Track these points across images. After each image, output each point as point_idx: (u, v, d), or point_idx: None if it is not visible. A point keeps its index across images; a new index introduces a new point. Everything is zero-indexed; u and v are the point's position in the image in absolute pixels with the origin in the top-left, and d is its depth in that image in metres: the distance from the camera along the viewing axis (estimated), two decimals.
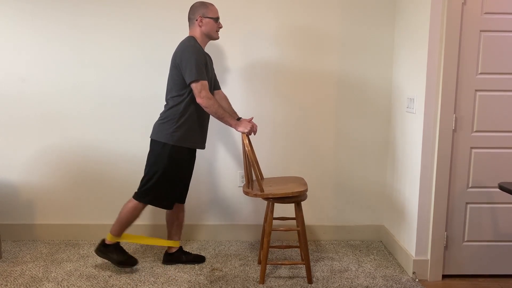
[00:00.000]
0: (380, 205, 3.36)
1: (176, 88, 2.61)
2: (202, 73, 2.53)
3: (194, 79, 2.51)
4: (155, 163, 2.65)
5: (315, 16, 3.14)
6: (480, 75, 2.61)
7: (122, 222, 2.72)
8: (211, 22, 2.65)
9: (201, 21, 2.63)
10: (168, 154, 2.62)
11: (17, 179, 3.27)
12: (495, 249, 2.76)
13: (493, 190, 2.70)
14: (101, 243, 2.78)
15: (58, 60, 3.15)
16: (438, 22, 2.56)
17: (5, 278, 2.72)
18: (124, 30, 3.13)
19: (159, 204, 2.72)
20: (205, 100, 2.54)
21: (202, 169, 3.28)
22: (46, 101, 3.18)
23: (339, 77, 3.21)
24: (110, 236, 2.75)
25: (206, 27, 2.64)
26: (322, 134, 3.27)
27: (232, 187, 3.32)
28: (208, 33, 2.66)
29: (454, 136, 2.65)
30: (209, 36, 2.68)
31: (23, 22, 3.10)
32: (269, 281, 2.71)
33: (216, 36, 2.71)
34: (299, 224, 2.68)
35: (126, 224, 2.74)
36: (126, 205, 2.73)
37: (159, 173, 2.64)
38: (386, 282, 2.72)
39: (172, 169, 2.66)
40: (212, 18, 2.64)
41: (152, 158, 2.68)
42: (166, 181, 2.67)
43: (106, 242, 2.76)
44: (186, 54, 2.53)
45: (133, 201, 2.71)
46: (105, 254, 2.76)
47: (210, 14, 2.64)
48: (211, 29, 2.66)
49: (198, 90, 2.53)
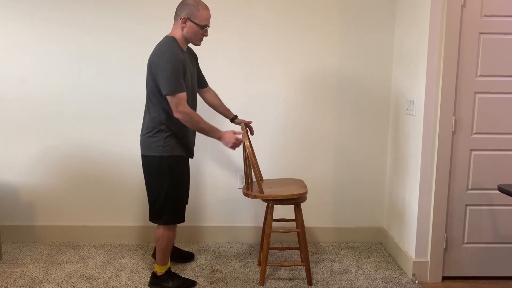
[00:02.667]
0: (380, 206, 3.36)
1: (156, 95, 2.39)
2: (178, 84, 2.30)
3: (169, 92, 2.29)
4: (157, 179, 2.48)
5: (314, 17, 3.14)
6: (480, 77, 2.62)
7: (163, 249, 2.55)
8: (195, 28, 2.39)
9: (185, 23, 2.38)
10: (167, 167, 2.45)
11: (17, 180, 3.27)
12: (495, 251, 2.76)
13: (493, 192, 2.70)
14: (152, 276, 2.63)
15: (59, 61, 3.16)
16: (438, 24, 2.57)
17: (5, 280, 2.72)
18: (125, 31, 3.13)
19: (176, 221, 2.55)
20: (183, 115, 2.33)
21: (202, 171, 3.28)
22: (46, 102, 3.19)
23: (339, 79, 3.21)
24: (157, 267, 2.60)
25: (188, 31, 2.40)
26: (322, 135, 3.27)
27: (232, 189, 3.32)
28: (189, 38, 2.43)
29: (453, 138, 2.66)
30: (190, 41, 2.46)
31: (23, 23, 3.11)
32: (269, 283, 2.72)
33: (198, 43, 2.48)
34: (299, 226, 2.69)
35: (167, 250, 2.58)
36: (155, 232, 2.55)
37: (164, 190, 2.47)
38: (386, 284, 2.72)
39: (176, 180, 2.50)
40: (197, 24, 2.38)
41: (152, 174, 2.49)
42: (174, 195, 2.51)
43: (157, 274, 2.60)
44: (161, 63, 2.30)
45: (159, 227, 2.54)
46: (160, 285, 2.60)
47: (197, 20, 2.37)
48: (193, 36, 2.42)
49: (174, 104, 2.31)
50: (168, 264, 2.64)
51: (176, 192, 2.52)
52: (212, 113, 3.27)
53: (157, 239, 2.56)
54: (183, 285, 2.63)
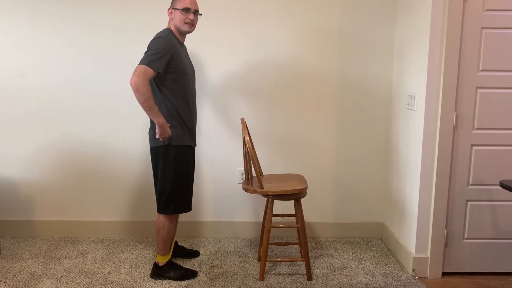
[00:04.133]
0: (380, 202, 3.36)
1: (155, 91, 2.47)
2: (156, 62, 2.34)
3: (144, 62, 2.32)
4: (164, 169, 2.53)
5: (315, 13, 3.12)
6: (481, 72, 2.60)
7: (163, 239, 2.61)
8: (178, 14, 2.48)
9: (171, 13, 2.52)
10: (173, 156, 2.51)
11: (16, 175, 3.26)
12: (495, 246, 2.76)
13: (494, 188, 2.70)
14: (154, 267, 2.69)
15: (58, 56, 3.14)
16: (440, 18, 2.55)
17: (4, 275, 2.71)
18: (124, 26, 3.11)
19: (182, 210, 2.62)
20: (138, 85, 2.27)
21: (202, 166, 3.27)
22: (45, 97, 3.17)
23: (340, 74, 3.19)
24: (159, 257, 2.66)
25: (175, 20, 2.50)
26: (323, 130, 3.26)
27: (231, 184, 3.31)
28: (177, 26, 2.51)
29: (454, 134, 2.64)
30: (179, 29, 2.52)
31: (23, 17, 3.09)
32: (268, 278, 2.71)
33: (184, 28, 2.51)
34: (299, 221, 2.68)
35: (168, 240, 2.64)
36: (156, 223, 2.62)
37: (170, 179, 2.53)
38: (386, 280, 2.72)
39: (182, 169, 2.56)
40: (178, 9, 2.48)
41: (159, 165, 2.55)
42: (180, 184, 2.57)
43: (158, 264, 2.67)
44: (153, 42, 2.41)
45: (160, 216, 2.60)
46: (162, 275, 2.66)
47: (178, 5, 2.49)
48: (179, 21, 2.49)
49: (139, 72, 2.29)
50: (170, 254, 2.70)
51: (183, 181, 2.58)
52: (218, 112, 3.26)
53: (157, 229, 2.61)
54: (184, 275, 2.69)
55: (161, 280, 2.66)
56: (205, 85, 3.16)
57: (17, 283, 2.61)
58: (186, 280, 2.66)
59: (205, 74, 3.15)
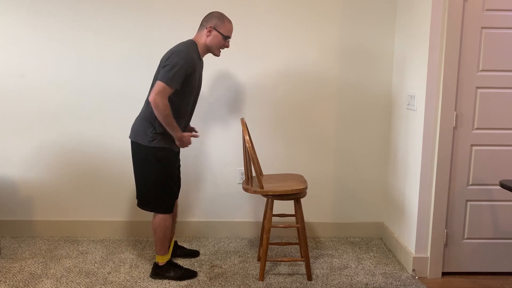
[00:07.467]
0: (380, 202, 3.36)
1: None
2: (176, 80, 2.38)
3: (164, 80, 2.35)
4: (143, 167, 2.56)
5: (315, 16, 3.12)
6: (481, 72, 2.60)
7: (160, 239, 2.62)
8: (219, 38, 2.54)
9: (210, 32, 2.53)
10: (154, 158, 2.51)
11: (16, 175, 3.26)
12: (495, 246, 2.76)
13: (493, 188, 2.70)
14: (154, 267, 2.70)
15: (57, 56, 3.14)
16: (439, 18, 2.55)
17: (4, 275, 2.71)
18: (124, 27, 3.11)
19: (162, 211, 2.61)
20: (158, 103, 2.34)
21: (202, 166, 3.27)
22: (45, 97, 3.17)
23: (339, 74, 3.19)
24: (158, 257, 2.67)
25: (212, 40, 2.54)
26: (322, 130, 3.26)
27: (231, 184, 3.31)
28: (211, 46, 2.56)
29: (454, 134, 2.64)
30: (210, 50, 2.58)
31: (22, 17, 3.08)
32: (268, 278, 2.71)
33: (217, 53, 2.61)
34: (299, 221, 2.68)
35: (165, 240, 2.64)
36: (152, 223, 2.63)
37: (151, 179, 2.56)
38: (386, 279, 2.72)
39: (163, 170, 2.56)
40: (222, 34, 2.54)
41: (139, 162, 2.57)
42: (161, 185, 2.58)
43: (158, 264, 2.68)
44: (174, 57, 2.40)
45: (155, 216, 2.61)
46: (162, 275, 2.67)
47: (222, 30, 2.53)
48: (216, 44, 2.55)
49: (158, 90, 2.35)
50: (169, 254, 2.71)
51: (164, 183, 2.59)
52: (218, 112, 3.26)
53: (154, 229, 2.63)
54: (184, 275, 2.69)
55: (161, 280, 2.66)
56: (204, 85, 3.15)
57: (17, 283, 2.61)
58: (186, 280, 2.67)
59: (205, 74, 3.15)
